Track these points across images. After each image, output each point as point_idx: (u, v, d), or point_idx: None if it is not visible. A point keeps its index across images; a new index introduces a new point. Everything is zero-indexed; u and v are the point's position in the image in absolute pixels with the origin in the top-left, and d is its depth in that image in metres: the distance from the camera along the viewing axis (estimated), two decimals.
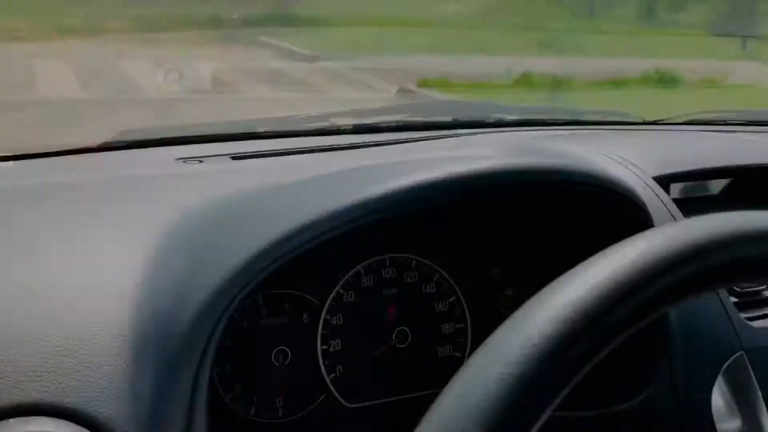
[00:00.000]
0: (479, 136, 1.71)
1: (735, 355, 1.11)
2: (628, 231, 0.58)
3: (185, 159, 1.71)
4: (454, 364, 1.86)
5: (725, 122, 2.08)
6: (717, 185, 1.82)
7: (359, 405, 1.80)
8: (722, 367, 1.14)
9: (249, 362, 1.75)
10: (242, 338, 1.75)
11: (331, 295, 1.82)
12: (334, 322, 1.82)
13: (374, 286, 1.86)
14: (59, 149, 1.50)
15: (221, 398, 1.71)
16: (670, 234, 0.46)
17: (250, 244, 1.23)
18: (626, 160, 1.66)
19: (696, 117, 2.02)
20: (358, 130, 1.95)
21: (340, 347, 1.82)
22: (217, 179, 1.55)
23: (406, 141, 1.69)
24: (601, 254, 0.47)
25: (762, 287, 1.34)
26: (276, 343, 1.76)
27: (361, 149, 1.85)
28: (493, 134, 1.75)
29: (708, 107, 2.27)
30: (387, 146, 1.82)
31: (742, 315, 1.29)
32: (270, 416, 1.75)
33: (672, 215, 1.53)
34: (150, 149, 1.80)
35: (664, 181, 1.61)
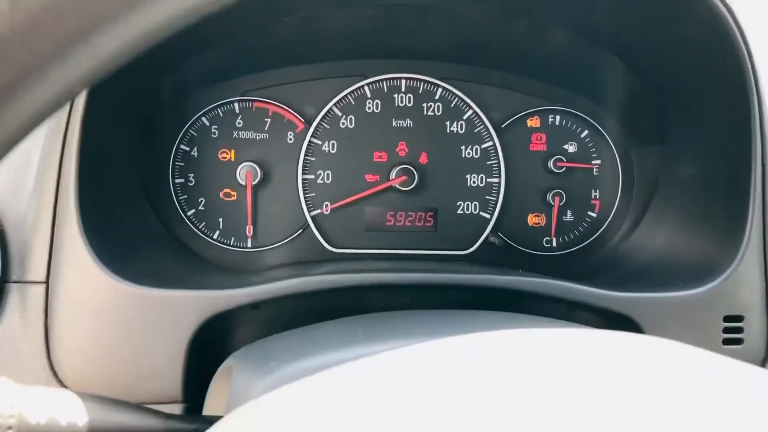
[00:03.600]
0: None
1: None
2: None
3: None
4: (479, 229, 1.51)
5: None
6: None
7: (342, 250, 1.51)
8: None
9: (214, 177, 1.48)
10: (209, 148, 1.49)
11: (321, 114, 1.49)
12: (326, 149, 1.50)
13: (381, 113, 1.52)
14: None
15: (183, 213, 1.47)
16: None
17: None
18: None
19: None
20: None
21: (330, 179, 1.51)
22: None
23: None
24: None
25: None
26: (248, 160, 1.47)
27: None
28: None
29: None
30: None
31: None
32: (236, 244, 1.49)
33: None
34: None
35: None
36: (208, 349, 1.15)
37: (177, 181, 1.46)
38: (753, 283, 1.17)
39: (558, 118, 1.55)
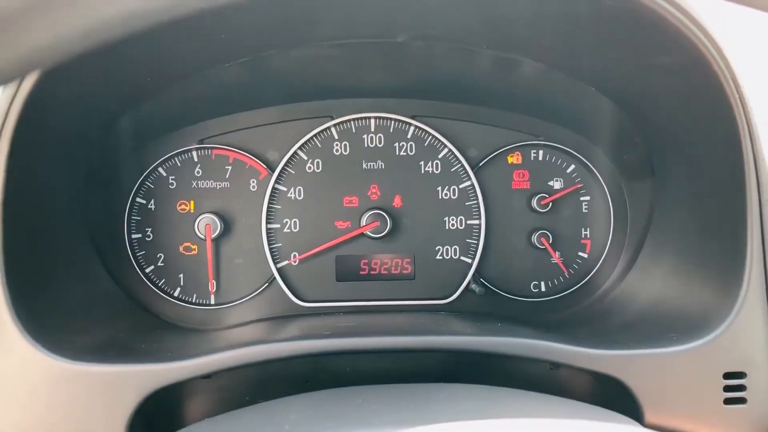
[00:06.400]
0: None
1: None
2: None
3: None
4: (459, 275, 1.40)
5: None
6: None
7: (313, 304, 1.40)
8: None
9: (173, 230, 1.39)
10: (167, 200, 1.40)
11: (285, 159, 1.39)
12: (291, 195, 1.41)
13: (350, 155, 1.42)
14: None
15: (140, 271, 1.38)
16: None
17: None
18: None
19: None
20: None
21: (297, 228, 1.41)
22: None
23: None
24: None
25: None
26: (209, 211, 1.38)
27: None
28: None
29: None
30: None
31: None
32: (199, 301, 1.39)
33: None
34: None
35: None
36: (157, 425, 1.06)
37: (134, 236, 1.37)
38: (755, 335, 1.04)
39: (541, 153, 1.45)
